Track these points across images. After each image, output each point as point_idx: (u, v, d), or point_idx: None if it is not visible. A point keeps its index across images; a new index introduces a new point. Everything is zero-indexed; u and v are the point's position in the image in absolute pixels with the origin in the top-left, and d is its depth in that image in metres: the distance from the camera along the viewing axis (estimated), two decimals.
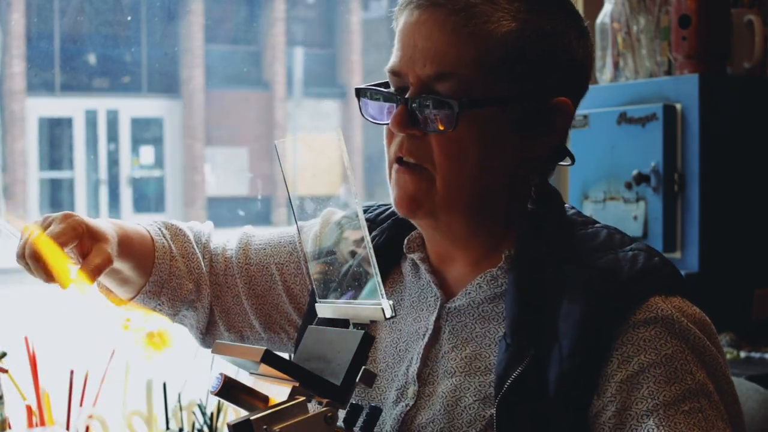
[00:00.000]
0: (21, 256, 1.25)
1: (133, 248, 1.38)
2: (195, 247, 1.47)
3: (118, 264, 1.36)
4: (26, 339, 1.84)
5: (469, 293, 1.25)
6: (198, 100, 9.34)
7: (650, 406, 1.11)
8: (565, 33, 1.22)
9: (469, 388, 1.20)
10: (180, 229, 1.48)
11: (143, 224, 1.45)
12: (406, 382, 1.25)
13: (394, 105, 1.21)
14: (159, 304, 1.43)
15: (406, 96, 1.20)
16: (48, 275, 1.23)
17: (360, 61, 10.20)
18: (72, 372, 1.89)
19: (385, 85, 1.26)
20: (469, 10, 1.18)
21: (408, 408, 1.23)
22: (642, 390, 1.11)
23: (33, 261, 1.23)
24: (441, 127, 1.18)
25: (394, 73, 1.23)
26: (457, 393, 1.21)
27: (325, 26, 10.76)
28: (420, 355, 1.25)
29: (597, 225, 1.26)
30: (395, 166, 1.23)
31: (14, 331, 1.96)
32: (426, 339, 1.26)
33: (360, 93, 1.26)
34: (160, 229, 1.46)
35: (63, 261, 1.22)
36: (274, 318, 1.47)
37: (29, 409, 1.81)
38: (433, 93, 1.19)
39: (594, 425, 1.13)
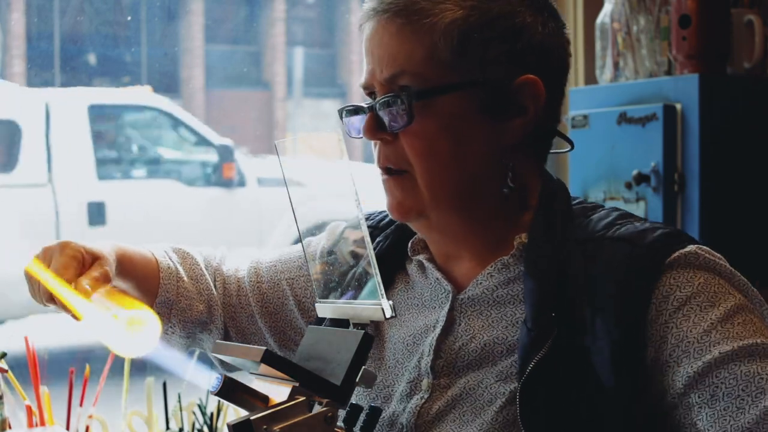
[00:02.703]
0: (41, 303, 1.29)
1: (134, 268, 1.39)
2: (204, 270, 1.48)
3: (120, 283, 1.36)
4: (26, 339, 1.84)
5: (481, 283, 1.26)
6: (198, 100, 9.34)
7: (706, 326, 1.12)
8: (516, 12, 1.22)
9: (491, 373, 1.21)
10: (188, 253, 1.49)
11: (149, 247, 1.45)
12: (418, 375, 1.26)
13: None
14: (170, 327, 1.43)
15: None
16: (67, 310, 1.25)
17: (360, 61, 10.19)
18: (72, 372, 1.89)
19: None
20: (409, 8, 1.21)
21: (423, 401, 1.24)
22: (692, 317, 1.13)
23: (52, 304, 1.26)
24: (402, 122, 1.20)
25: (364, 88, 1.27)
26: (478, 378, 1.21)
27: (325, 26, 10.75)
28: (433, 348, 1.26)
29: (606, 207, 1.28)
30: (382, 176, 1.26)
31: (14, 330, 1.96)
32: (438, 330, 1.26)
33: (341, 113, 1.30)
34: (166, 252, 1.46)
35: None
36: (288, 335, 1.47)
37: (29, 409, 1.81)
38: (393, 94, 1.21)
39: (655, 368, 1.13)
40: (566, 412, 1.14)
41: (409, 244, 1.33)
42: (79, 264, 1.26)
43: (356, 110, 1.27)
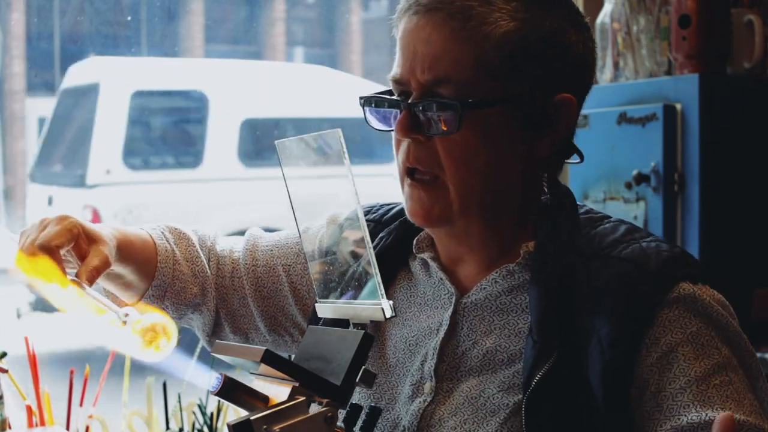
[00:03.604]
0: (18, 261, 1.26)
1: (134, 252, 1.38)
2: (199, 250, 1.47)
3: (119, 268, 1.36)
4: (26, 339, 1.84)
5: (485, 288, 1.26)
6: None
7: (683, 383, 1.13)
8: (564, 29, 1.22)
9: (493, 381, 1.21)
10: (184, 233, 1.47)
11: (146, 228, 1.45)
12: (421, 378, 1.26)
13: (398, 111, 1.22)
14: (163, 308, 1.43)
15: (409, 101, 1.20)
16: (45, 278, 1.23)
17: (360, 61, 10.19)
18: (72, 372, 1.89)
19: (389, 93, 1.26)
20: (465, 12, 1.18)
21: (426, 404, 1.24)
22: (673, 369, 1.13)
23: (30, 265, 1.23)
24: (444, 129, 1.18)
25: (396, 81, 1.23)
26: (480, 386, 1.21)
27: (325, 26, 10.75)
28: (436, 351, 1.26)
29: (612, 220, 1.27)
30: (407, 180, 1.24)
31: (14, 330, 1.96)
32: (441, 334, 1.26)
33: (364, 102, 1.27)
34: (163, 232, 1.45)
35: (59, 263, 1.22)
36: (279, 320, 1.47)
37: (29, 409, 1.81)
38: (435, 96, 1.19)
39: (634, 410, 1.14)
40: (572, 425, 1.14)
41: (414, 241, 1.33)
42: (72, 237, 1.24)
43: (385, 103, 1.24)
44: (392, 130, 1.23)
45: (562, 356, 1.15)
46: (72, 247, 1.25)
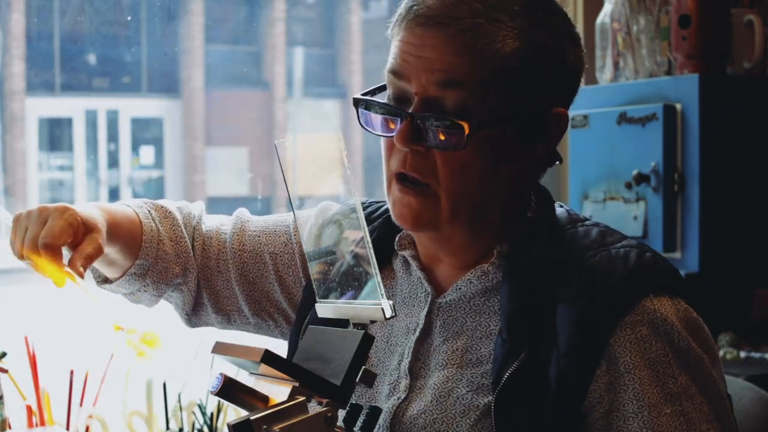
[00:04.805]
0: (20, 256, 1.26)
1: (120, 232, 1.38)
2: (183, 230, 1.47)
3: (106, 248, 1.36)
4: (26, 339, 1.84)
5: (460, 288, 1.26)
6: (198, 100, 9.31)
7: (635, 408, 1.13)
8: (563, 48, 1.23)
9: (461, 380, 1.21)
10: (169, 212, 1.47)
11: (133, 205, 1.45)
12: (398, 377, 1.26)
13: (398, 119, 1.20)
14: (144, 285, 1.44)
15: (411, 110, 1.19)
16: (45, 272, 1.23)
17: (360, 61, 10.17)
18: (72, 372, 1.89)
19: (382, 87, 1.25)
20: (475, 29, 1.17)
21: (400, 401, 1.24)
22: (628, 392, 1.14)
23: (32, 261, 1.23)
24: (448, 143, 1.17)
25: (395, 74, 1.21)
26: (448, 384, 1.22)
27: (325, 26, 10.73)
28: (411, 350, 1.26)
29: (587, 223, 1.27)
30: (397, 184, 1.23)
31: (14, 331, 1.97)
32: (417, 334, 1.27)
33: (359, 103, 1.24)
34: (149, 211, 1.45)
35: (60, 261, 1.22)
36: (263, 305, 1.47)
37: (29, 409, 1.81)
38: (439, 109, 1.18)
39: (585, 423, 1.15)
40: (541, 425, 1.14)
41: (396, 238, 1.33)
42: (73, 232, 1.25)
43: (385, 110, 1.22)
44: (391, 136, 1.21)
45: (530, 356, 1.15)
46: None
